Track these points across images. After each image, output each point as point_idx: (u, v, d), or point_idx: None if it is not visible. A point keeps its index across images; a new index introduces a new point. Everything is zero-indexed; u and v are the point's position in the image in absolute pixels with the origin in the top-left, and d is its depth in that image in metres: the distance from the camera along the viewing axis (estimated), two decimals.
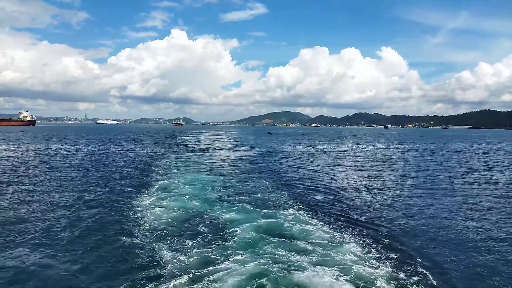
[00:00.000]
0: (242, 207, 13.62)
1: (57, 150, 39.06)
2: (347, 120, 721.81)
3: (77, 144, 49.41)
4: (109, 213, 12.59)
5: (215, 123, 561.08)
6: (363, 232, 10.90)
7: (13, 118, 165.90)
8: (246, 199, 15.02)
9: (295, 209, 13.46)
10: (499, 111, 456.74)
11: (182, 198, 15.01)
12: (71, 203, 14.10)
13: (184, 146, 48.72)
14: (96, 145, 46.99)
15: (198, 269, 8.02)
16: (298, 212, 13.10)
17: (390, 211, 13.78)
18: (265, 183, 19.24)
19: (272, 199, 15.30)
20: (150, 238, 10.01)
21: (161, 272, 7.85)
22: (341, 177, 22.51)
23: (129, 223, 11.35)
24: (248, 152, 40.73)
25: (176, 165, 26.23)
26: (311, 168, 26.77)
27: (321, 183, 20.14)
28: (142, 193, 15.88)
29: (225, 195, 15.76)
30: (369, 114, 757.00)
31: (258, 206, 13.81)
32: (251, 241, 9.88)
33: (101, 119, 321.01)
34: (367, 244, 9.79)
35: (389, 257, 8.91)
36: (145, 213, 12.55)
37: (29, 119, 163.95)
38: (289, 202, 14.85)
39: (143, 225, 11.19)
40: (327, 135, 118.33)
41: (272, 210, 13.26)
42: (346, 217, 12.70)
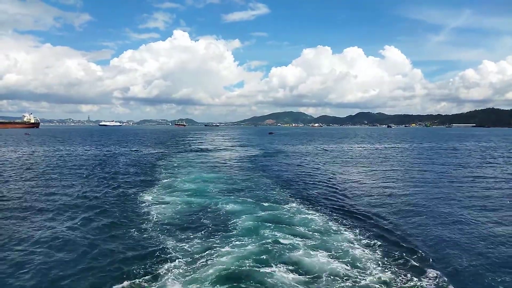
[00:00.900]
0: (243, 201, 14.36)
1: (65, 150, 40.07)
2: (350, 119, 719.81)
3: (83, 145, 50.47)
4: (117, 208, 13.31)
5: (218, 124, 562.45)
6: (358, 223, 11.58)
7: (17, 121, 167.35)
8: (248, 194, 15.73)
9: (295, 203, 14.17)
10: (503, 110, 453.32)
11: (186, 194, 15.70)
12: (81, 199, 14.91)
13: (187, 146, 49.53)
14: (102, 146, 48.02)
15: (202, 253, 8.75)
16: (297, 205, 13.81)
17: (384, 204, 14.47)
18: (266, 180, 19.93)
19: (272, 194, 16.00)
20: (156, 229, 10.70)
21: (167, 257, 8.53)
22: (339, 174, 23.17)
23: (137, 217, 12.05)
24: (249, 151, 41.49)
25: (179, 165, 26.99)
26: (310, 166, 27.51)
27: (320, 179, 20.80)
28: (148, 190, 16.59)
29: (227, 191, 16.46)
30: (372, 113, 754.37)
31: (259, 200, 14.55)
32: (252, 228, 10.64)
33: (104, 121, 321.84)
34: (361, 233, 10.46)
35: (381, 245, 9.58)
36: (151, 208, 13.25)
37: (33, 121, 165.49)
38: (289, 196, 15.54)
39: (149, 218, 11.88)
40: (327, 134, 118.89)
41: (272, 203, 13.99)
42: (343, 209, 13.38)
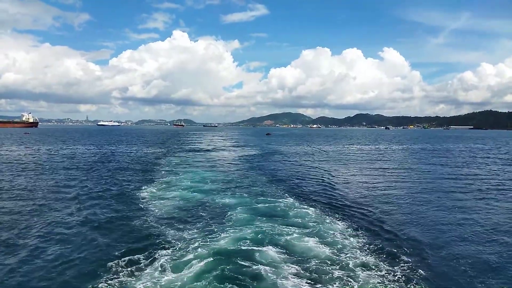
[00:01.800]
0: (240, 196, 15.07)
1: (66, 149, 40.69)
2: (349, 121, 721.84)
3: (84, 144, 51.05)
4: (118, 203, 13.82)
5: (216, 125, 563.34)
6: (348, 216, 12.22)
7: (15, 120, 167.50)
8: (244, 190, 16.39)
9: (289, 198, 14.85)
10: (501, 112, 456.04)
11: (184, 190, 16.29)
12: (83, 194, 15.49)
13: (185, 146, 50.10)
14: (102, 145, 48.56)
15: (200, 239, 9.41)
16: (292, 200, 14.49)
17: (374, 200, 15.11)
18: (261, 178, 20.52)
19: (268, 190, 16.65)
20: (156, 220, 11.28)
21: (167, 243, 9.14)
22: (332, 172, 23.79)
23: (137, 211, 12.58)
24: (246, 151, 42.08)
25: (178, 163, 27.52)
26: (305, 165, 28.20)
27: (314, 177, 21.44)
28: (147, 187, 17.11)
29: (224, 188, 17.08)
30: (371, 115, 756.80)
31: (254, 195, 15.25)
32: (248, 219, 11.33)
33: (102, 121, 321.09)
34: (351, 225, 11.10)
35: (365, 235, 10.23)
36: (151, 203, 13.81)
37: (32, 121, 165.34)
38: (284, 192, 16.19)
39: (149, 212, 12.43)
40: (324, 135, 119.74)
41: (268, 198, 14.71)
42: (335, 204, 14.03)
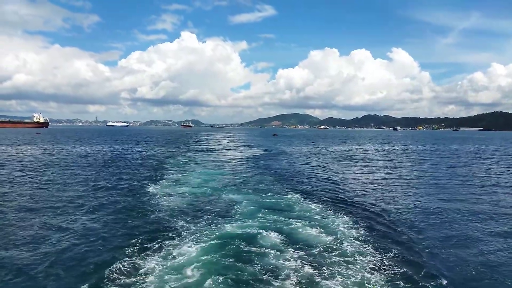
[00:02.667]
0: (246, 192, 15.77)
1: (78, 149, 42.04)
2: (357, 122, 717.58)
3: (95, 144, 52.57)
4: (130, 198, 14.60)
5: (224, 125, 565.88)
6: (352, 211, 12.75)
7: (27, 121, 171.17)
8: (250, 187, 17.07)
9: (294, 194, 15.47)
10: (511, 113, 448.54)
11: (192, 187, 17.02)
12: (96, 190, 16.37)
13: (194, 146, 51.01)
14: (112, 145, 49.91)
15: (207, 230, 10.12)
16: (297, 196, 15.11)
17: (378, 197, 15.57)
18: (267, 177, 21.07)
19: (273, 187, 17.26)
20: (166, 214, 11.97)
21: (176, 234, 9.85)
22: (338, 172, 24.29)
23: (148, 206, 13.30)
24: (253, 151, 42.76)
25: (186, 162, 28.32)
26: (311, 164, 28.76)
27: (319, 176, 21.97)
28: (157, 184, 17.87)
29: (231, 185, 17.76)
30: (379, 116, 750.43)
31: (261, 191, 15.93)
32: (253, 212, 12.03)
33: (111, 121, 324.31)
34: (355, 220, 11.57)
35: (366, 227, 10.71)
36: (160, 198, 14.53)
37: (42, 121, 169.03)
38: (289, 189, 16.79)
39: (159, 206, 13.13)
40: (331, 136, 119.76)
41: (273, 194, 15.42)
42: (339, 200, 14.57)
